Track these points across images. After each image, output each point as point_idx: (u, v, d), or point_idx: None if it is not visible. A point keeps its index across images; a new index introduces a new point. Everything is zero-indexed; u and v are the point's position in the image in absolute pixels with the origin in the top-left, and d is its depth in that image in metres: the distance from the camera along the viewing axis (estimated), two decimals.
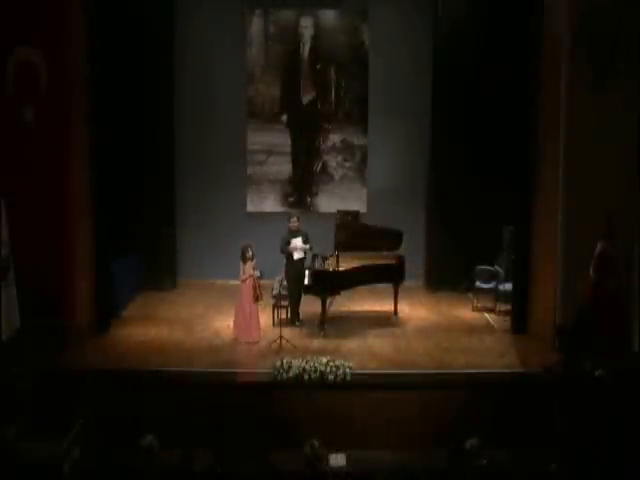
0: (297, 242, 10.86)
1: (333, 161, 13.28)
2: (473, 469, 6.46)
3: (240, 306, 10.42)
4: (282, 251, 10.88)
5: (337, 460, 7.60)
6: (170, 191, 12.87)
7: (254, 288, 10.28)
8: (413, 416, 8.84)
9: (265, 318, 11.14)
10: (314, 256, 10.99)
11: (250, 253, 10.39)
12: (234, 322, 10.52)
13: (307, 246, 10.94)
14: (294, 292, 10.97)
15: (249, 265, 10.38)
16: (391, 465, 6.97)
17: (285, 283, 11.03)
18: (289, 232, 10.94)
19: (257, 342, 10.30)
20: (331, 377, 9.03)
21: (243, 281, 10.39)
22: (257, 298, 10.29)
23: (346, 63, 13.05)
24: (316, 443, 6.56)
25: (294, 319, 10.94)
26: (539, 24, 10.31)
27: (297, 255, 10.88)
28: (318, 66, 13.08)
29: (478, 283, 11.92)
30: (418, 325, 11.22)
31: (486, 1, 12.23)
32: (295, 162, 13.26)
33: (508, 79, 11.11)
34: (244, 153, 13.19)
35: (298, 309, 11.06)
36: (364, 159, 13.23)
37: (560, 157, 9.79)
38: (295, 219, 11.02)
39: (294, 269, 10.89)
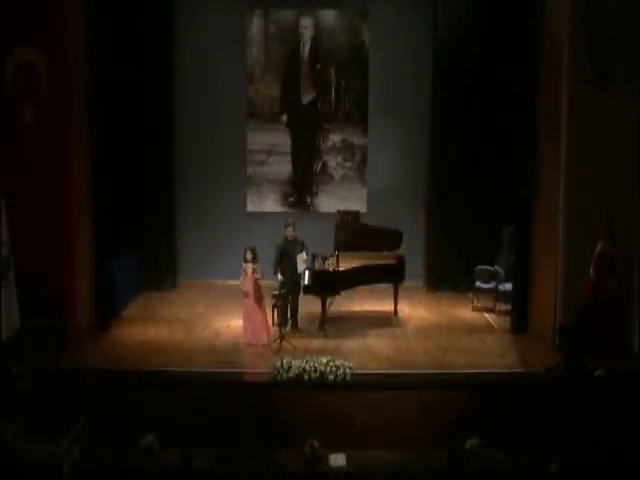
0: (300, 258, 10.56)
1: (333, 161, 13.28)
2: (473, 469, 6.46)
3: (244, 308, 10.37)
4: (275, 269, 10.52)
5: (337, 460, 7.60)
6: (170, 191, 12.88)
7: (256, 289, 10.26)
8: (413, 416, 8.84)
9: None
10: (314, 256, 10.96)
11: (249, 255, 10.26)
12: (243, 325, 10.41)
13: (305, 256, 10.66)
14: (291, 297, 10.74)
15: (248, 267, 10.28)
16: (391, 465, 6.96)
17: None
18: (285, 240, 10.66)
19: (266, 344, 10.15)
20: (331, 377, 9.02)
21: (245, 282, 10.34)
22: (257, 299, 10.28)
23: (346, 63, 13.05)
24: (316, 443, 6.56)
25: (286, 322, 10.63)
26: (539, 25, 10.31)
27: (300, 269, 10.61)
28: (318, 66, 13.08)
29: (478, 283, 11.92)
30: (418, 325, 11.22)
31: (486, 2, 12.24)
32: (295, 162, 13.26)
33: (508, 79, 11.12)
34: (244, 153, 13.19)
35: (297, 314, 10.84)
36: (364, 159, 13.23)
37: (561, 157, 9.79)
38: (292, 228, 10.67)
39: (291, 275, 10.63)
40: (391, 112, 13.01)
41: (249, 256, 10.28)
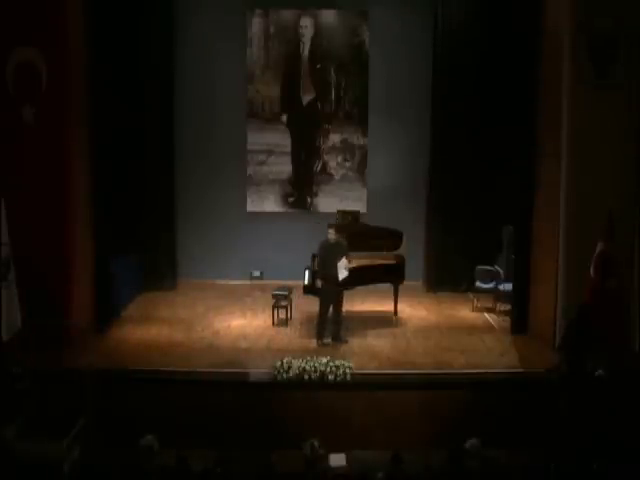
0: (342, 265, 10.27)
1: (333, 161, 13.27)
2: (473, 469, 6.46)
3: None
4: (313, 281, 10.30)
5: (337, 460, 7.60)
6: (170, 191, 12.86)
7: None
8: (413, 416, 8.84)
9: (265, 318, 11.16)
10: (314, 256, 10.96)
11: None
12: None
13: (345, 262, 10.30)
14: (325, 309, 10.38)
15: None
16: (391, 465, 6.96)
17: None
18: (329, 245, 10.27)
19: None
20: (331, 377, 9.03)
21: None
22: None
23: (346, 63, 13.04)
24: (316, 443, 6.57)
25: (322, 334, 10.30)
26: (540, 23, 10.31)
27: (342, 276, 10.28)
28: (318, 66, 13.07)
29: (478, 283, 11.91)
30: (418, 325, 11.22)
31: (486, 2, 12.23)
32: (295, 162, 13.25)
33: (509, 79, 11.12)
34: (244, 153, 13.19)
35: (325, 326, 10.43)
36: (364, 159, 13.22)
37: (561, 157, 9.78)
38: (332, 230, 10.29)
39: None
40: (391, 112, 12.99)
41: None
